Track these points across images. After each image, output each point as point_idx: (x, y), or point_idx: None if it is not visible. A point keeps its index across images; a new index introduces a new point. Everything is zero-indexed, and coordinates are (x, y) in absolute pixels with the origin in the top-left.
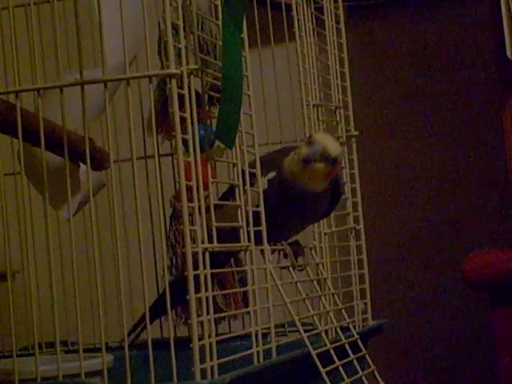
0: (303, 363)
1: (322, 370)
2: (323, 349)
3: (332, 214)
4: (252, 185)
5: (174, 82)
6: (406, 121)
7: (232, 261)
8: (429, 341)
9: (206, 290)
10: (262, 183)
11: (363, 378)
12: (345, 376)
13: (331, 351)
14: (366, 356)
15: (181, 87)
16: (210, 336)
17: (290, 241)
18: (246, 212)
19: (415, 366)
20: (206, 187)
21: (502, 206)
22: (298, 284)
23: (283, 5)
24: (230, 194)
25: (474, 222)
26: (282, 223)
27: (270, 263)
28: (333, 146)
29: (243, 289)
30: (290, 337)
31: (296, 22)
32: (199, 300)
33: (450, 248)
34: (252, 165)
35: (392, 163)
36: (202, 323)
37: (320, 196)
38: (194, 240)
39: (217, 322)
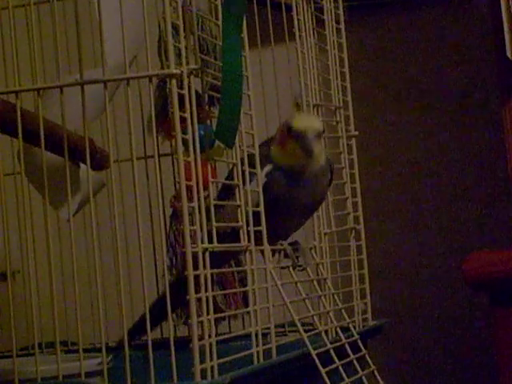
0: (303, 363)
1: (322, 370)
2: (323, 349)
3: (332, 214)
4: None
5: (173, 82)
6: (406, 121)
7: (232, 261)
8: (429, 341)
9: (206, 290)
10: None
11: (363, 378)
12: (345, 376)
13: (331, 351)
14: (366, 356)
15: (181, 87)
16: (210, 336)
17: (289, 241)
18: (246, 212)
19: (415, 365)
20: (206, 187)
21: (502, 206)
22: (298, 284)
23: (283, 5)
24: (225, 194)
25: (474, 222)
26: (284, 217)
27: (270, 263)
28: (316, 125)
29: (243, 289)
30: (289, 337)
31: (296, 22)
32: (199, 300)
33: (450, 248)
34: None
35: (392, 163)
36: (202, 323)
37: (319, 174)
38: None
39: (217, 321)
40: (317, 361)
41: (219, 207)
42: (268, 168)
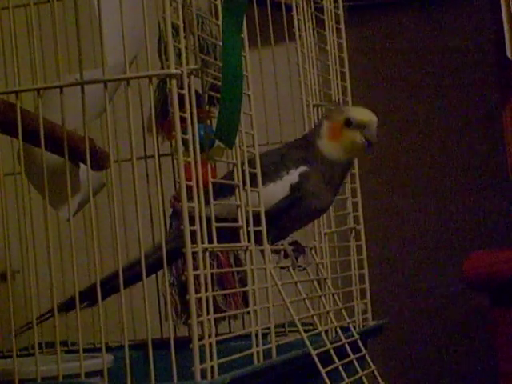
0: (303, 363)
1: (322, 370)
2: (323, 349)
3: (332, 214)
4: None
5: (174, 82)
6: (406, 121)
7: (232, 261)
8: (429, 341)
9: (206, 290)
10: (292, 177)
11: (363, 377)
12: (345, 376)
13: (331, 351)
14: (366, 356)
15: (181, 87)
16: (210, 336)
17: (289, 241)
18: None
19: (415, 365)
20: (206, 187)
21: (502, 205)
22: (298, 284)
23: (283, 5)
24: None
25: (474, 222)
26: (301, 219)
27: (270, 263)
28: (375, 117)
29: (243, 289)
30: (290, 337)
31: (296, 22)
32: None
33: (450, 248)
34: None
35: (392, 163)
36: (201, 323)
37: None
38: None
39: (217, 321)
40: (317, 361)
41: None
42: (302, 169)
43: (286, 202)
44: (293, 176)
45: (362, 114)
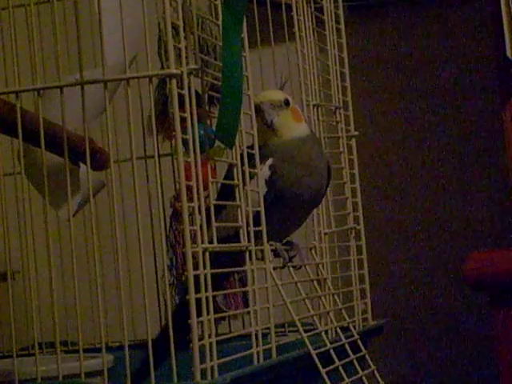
0: (303, 363)
1: (322, 370)
2: (323, 349)
3: (332, 214)
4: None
5: (174, 82)
6: (406, 121)
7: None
8: (429, 341)
9: (206, 290)
10: (263, 172)
11: (363, 377)
12: (345, 376)
13: (331, 351)
14: (366, 356)
15: (181, 87)
16: (210, 336)
17: (284, 241)
18: (247, 211)
19: (415, 365)
20: (206, 187)
21: (502, 206)
22: (298, 284)
23: (283, 5)
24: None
25: (474, 222)
26: (287, 212)
27: (270, 263)
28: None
29: (243, 289)
30: (290, 337)
31: (296, 22)
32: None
33: (450, 248)
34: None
35: (392, 163)
36: (202, 323)
37: (317, 160)
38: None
39: (217, 321)
40: (317, 361)
41: (219, 212)
42: (270, 161)
43: (268, 199)
44: (264, 171)
45: (257, 97)
